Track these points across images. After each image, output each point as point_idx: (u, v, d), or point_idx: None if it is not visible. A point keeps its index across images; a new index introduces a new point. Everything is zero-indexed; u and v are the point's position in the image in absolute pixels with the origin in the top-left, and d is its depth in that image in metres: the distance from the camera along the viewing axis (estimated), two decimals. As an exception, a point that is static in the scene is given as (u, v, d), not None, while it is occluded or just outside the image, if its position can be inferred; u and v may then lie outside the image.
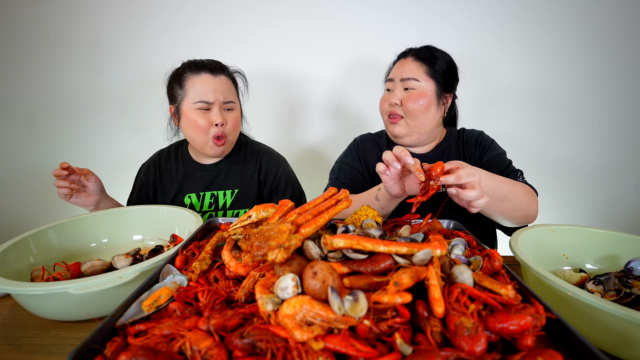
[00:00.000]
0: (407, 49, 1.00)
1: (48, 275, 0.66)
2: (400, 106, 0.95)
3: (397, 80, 0.95)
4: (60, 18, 1.58)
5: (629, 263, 0.62)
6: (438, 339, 0.36)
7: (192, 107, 0.95)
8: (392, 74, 0.98)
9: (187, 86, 0.95)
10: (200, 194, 1.06)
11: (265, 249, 0.41)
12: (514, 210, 0.81)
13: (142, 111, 1.68)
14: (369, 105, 1.61)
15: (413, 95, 0.93)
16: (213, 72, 0.95)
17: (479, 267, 0.49)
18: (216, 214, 1.07)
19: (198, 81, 0.94)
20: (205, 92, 0.94)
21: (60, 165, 0.86)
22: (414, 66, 0.94)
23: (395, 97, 0.94)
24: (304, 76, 1.65)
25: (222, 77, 0.97)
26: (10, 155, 1.71)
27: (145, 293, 0.45)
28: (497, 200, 0.77)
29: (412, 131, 0.96)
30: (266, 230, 0.43)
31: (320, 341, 0.34)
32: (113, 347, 0.35)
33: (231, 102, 0.98)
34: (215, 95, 0.94)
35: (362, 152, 1.08)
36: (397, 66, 0.98)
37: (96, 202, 0.95)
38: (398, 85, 0.95)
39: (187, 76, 0.96)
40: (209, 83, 0.94)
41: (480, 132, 1.06)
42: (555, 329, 0.38)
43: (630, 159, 1.65)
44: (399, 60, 0.99)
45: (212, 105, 0.95)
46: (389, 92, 0.99)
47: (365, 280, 0.41)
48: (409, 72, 0.93)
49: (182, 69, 0.98)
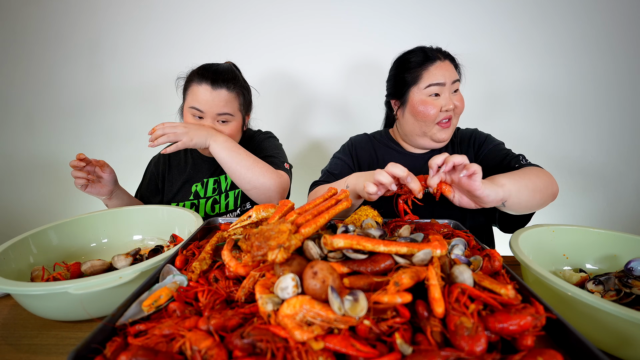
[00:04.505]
0: (430, 51, 0.97)
1: (48, 275, 0.66)
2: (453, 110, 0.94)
3: (448, 84, 0.92)
4: (60, 18, 1.58)
5: (629, 263, 0.62)
6: (438, 339, 0.36)
7: (188, 112, 0.99)
8: (440, 77, 0.92)
9: (189, 90, 0.99)
10: (204, 181, 1.11)
11: (265, 249, 0.41)
12: (541, 193, 0.78)
13: (142, 111, 1.68)
14: (371, 104, 1.61)
15: (460, 96, 0.95)
16: (213, 85, 0.97)
17: (479, 267, 0.49)
18: (219, 197, 1.11)
19: (197, 90, 0.97)
20: (200, 101, 0.96)
21: (77, 157, 0.88)
22: (452, 68, 0.94)
23: (451, 102, 0.92)
24: (305, 76, 1.65)
25: (222, 91, 0.98)
26: (11, 155, 1.72)
27: (145, 293, 0.45)
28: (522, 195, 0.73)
29: (452, 132, 0.98)
30: (266, 230, 0.43)
31: (320, 341, 0.34)
32: (113, 347, 0.35)
33: (227, 114, 0.99)
34: (208, 107, 0.97)
35: (356, 150, 1.10)
36: (440, 69, 0.93)
37: (110, 192, 0.98)
38: (448, 89, 0.93)
39: (192, 81, 0.99)
40: (205, 94, 0.96)
41: (473, 130, 1.07)
42: (555, 329, 0.38)
43: (630, 159, 1.65)
44: (436, 63, 0.94)
45: (204, 114, 0.98)
46: (436, 97, 0.94)
47: (365, 280, 0.41)
48: (454, 75, 0.94)
49: (192, 73, 1.02)
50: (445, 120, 0.94)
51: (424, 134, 0.98)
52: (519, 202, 0.73)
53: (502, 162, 0.93)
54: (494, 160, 0.95)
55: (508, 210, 0.77)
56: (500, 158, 0.94)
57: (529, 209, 0.79)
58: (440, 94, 0.93)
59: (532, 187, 0.75)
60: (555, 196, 0.83)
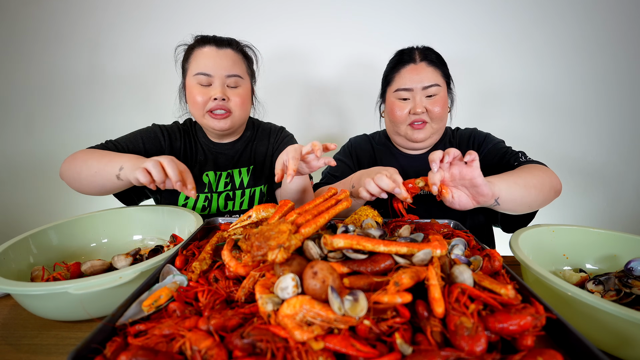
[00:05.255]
0: (407, 52, 0.96)
1: (48, 275, 0.66)
2: (424, 113, 0.92)
3: (417, 89, 0.91)
4: (60, 18, 1.58)
5: (629, 263, 0.62)
6: (438, 339, 0.36)
7: (193, 81, 0.92)
8: (407, 82, 0.92)
9: (192, 59, 0.93)
10: (217, 173, 1.05)
11: (265, 249, 0.41)
12: (537, 189, 0.76)
13: (142, 110, 1.68)
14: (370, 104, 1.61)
15: (438, 101, 0.92)
16: (218, 45, 0.92)
17: (479, 267, 0.49)
18: (234, 193, 1.05)
19: (201, 54, 0.92)
20: (207, 64, 0.90)
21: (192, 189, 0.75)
22: (429, 71, 0.92)
23: (419, 107, 0.91)
24: (305, 77, 1.65)
25: (228, 51, 0.93)
26: (11, 155, 1.71)
27: (145, 293, 0.45)
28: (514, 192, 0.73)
29: (433, 133, 0.97)
30: (266, 230, 0.43)
31: (320, 341, 0.34)
32: (113, 347, 0.35)
33: (236, 75, 0.93)
34: (216, 69, 0.90)
35: (355, 151, 1.11)
36: (410, 73, 0.92)
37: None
38: (419, 94, 0.92)
39: (194, 48, 0.94)
40: (211, 55, 0.91)
41: (472, 129, 1.06)
42: (555, 329, 0.38)
43: (630, 159, 1.65)
44: (408, 66, 0.93)
45: (212, 79, 0.91)
46: (404, 101, 0.94)
47: (365, 280, 0.41)
48: (429, 79, 0.91)
49: (192, 43, 0.96)
50: (417, 123, 0.94)
51: (398, 134, 1.00)
52: (513, 200, 0.73)
53: (501, 160, 0.93)
54: (493, 158, 0.95)
55: (505, 210, 0.76)
56: (500, 156, 0.94)
57: (527, 205, 0.78)
58: (409, 98, 0.93)
59: (524, 183, 0.75)
60: (557, 192, 0.82)
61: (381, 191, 0.69)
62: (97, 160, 0.81)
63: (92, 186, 0.82)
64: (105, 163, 0.80)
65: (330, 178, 1.04)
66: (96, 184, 0.81)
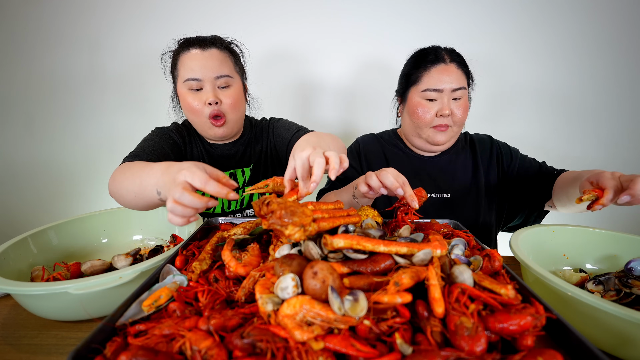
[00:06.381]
0: (433, 51, 0.92)
1: (48, 275, 0.66)
2: (449, 116, 0.91)
3: (446, 91, 0.89)
4: (60, 18, 1.58)
5: (629, 263, 0.62)
6: (438, 339, 0.35)
7: (184, 88, 0.91)
8: (438, 83, 0.89)
9: (179, 65, 0.92)
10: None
11: (289, 222, 0.42)
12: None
13: (142, 111, 1.68)
14: (377, 103, 1.61)
15: (462, 105, 0.90)
16: (202, 47, 0.90)
17: (479, 267, 0.49)
18: (237, 190, 1.04)
19: (187, 58, 0.90)
20: (194, 68, 0.88)
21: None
22: (459, 74, 0.90)
23: (447, 109, 0.89)
24: (310, 76, 1.64)
25: (213, 51, 0.90)
26: (11, 155, 1.71)
27: (145, 293, 0.45)
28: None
29: (453, 137, 0.96)
30: (291, 205, 0.43)
31: (320, 341, 0.34)
32: (113, 347, 0.35)
33: (226, 76, 0.91)
34: (204, 71, 0.89)
35: (363, 152, 1.07)
36: (440, 73, 0.89)
37: None
38: (447, 96, 0.89)
39: (179, 54, 0.92)
40: (197, 58, 0.89)
41: (488, 137, 1.05)
42: (555, 329, 0.38)
43: (630, 159, 1.65)
44: (438, 66, 0.90)
45: (202, 82, 0.90)
46: (431, 102, 0.91)
47: (365, 280, 0.41)
48: (458, 82, 0.89)
49: (177, 48, 0.95)
50: (441, 125, 0.92)
51: (419, 136, 0.97)
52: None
53: (540, 170, 0.95)
54: (530, 171, 0.96)
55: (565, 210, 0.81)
56: (536, 167, 0.97)
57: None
58: (437, 99, 0.91)
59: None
60: None
61: (381, 186, 0.66)
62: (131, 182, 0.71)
63: (142, 206, 0.74)
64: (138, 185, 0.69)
65: (334, 183, 1.01)
66: (144, 205, 0.72)
